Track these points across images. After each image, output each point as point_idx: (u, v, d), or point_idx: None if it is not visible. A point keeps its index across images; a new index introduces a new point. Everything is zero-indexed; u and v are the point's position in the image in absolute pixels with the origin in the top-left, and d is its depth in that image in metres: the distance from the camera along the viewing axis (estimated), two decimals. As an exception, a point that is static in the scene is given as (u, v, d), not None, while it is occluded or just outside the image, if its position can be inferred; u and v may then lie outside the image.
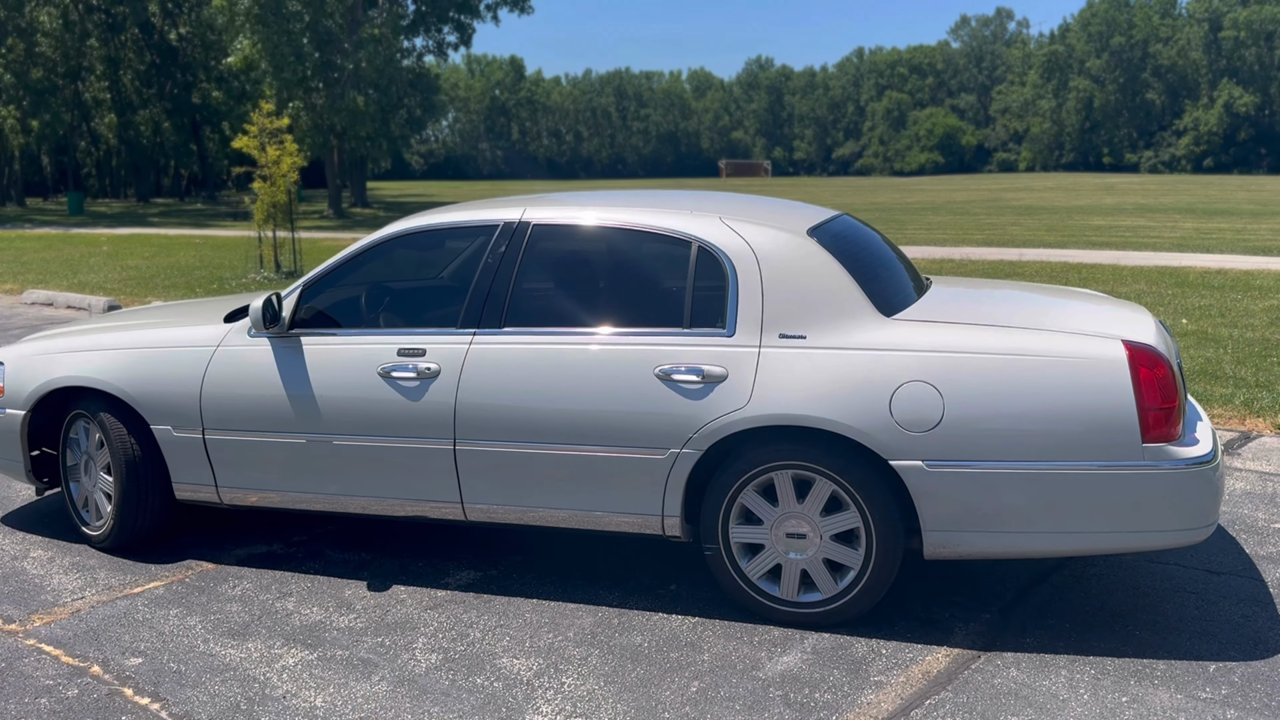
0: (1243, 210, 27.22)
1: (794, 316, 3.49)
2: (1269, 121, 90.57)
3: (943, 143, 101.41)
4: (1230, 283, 11.62)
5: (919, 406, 3.29)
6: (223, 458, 4.06)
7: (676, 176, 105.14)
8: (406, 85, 38.27)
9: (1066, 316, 3.65)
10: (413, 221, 4.09)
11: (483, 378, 3.71)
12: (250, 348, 4.04)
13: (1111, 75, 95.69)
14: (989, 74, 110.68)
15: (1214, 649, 3.31)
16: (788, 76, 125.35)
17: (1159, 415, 3.20)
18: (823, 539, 3.47)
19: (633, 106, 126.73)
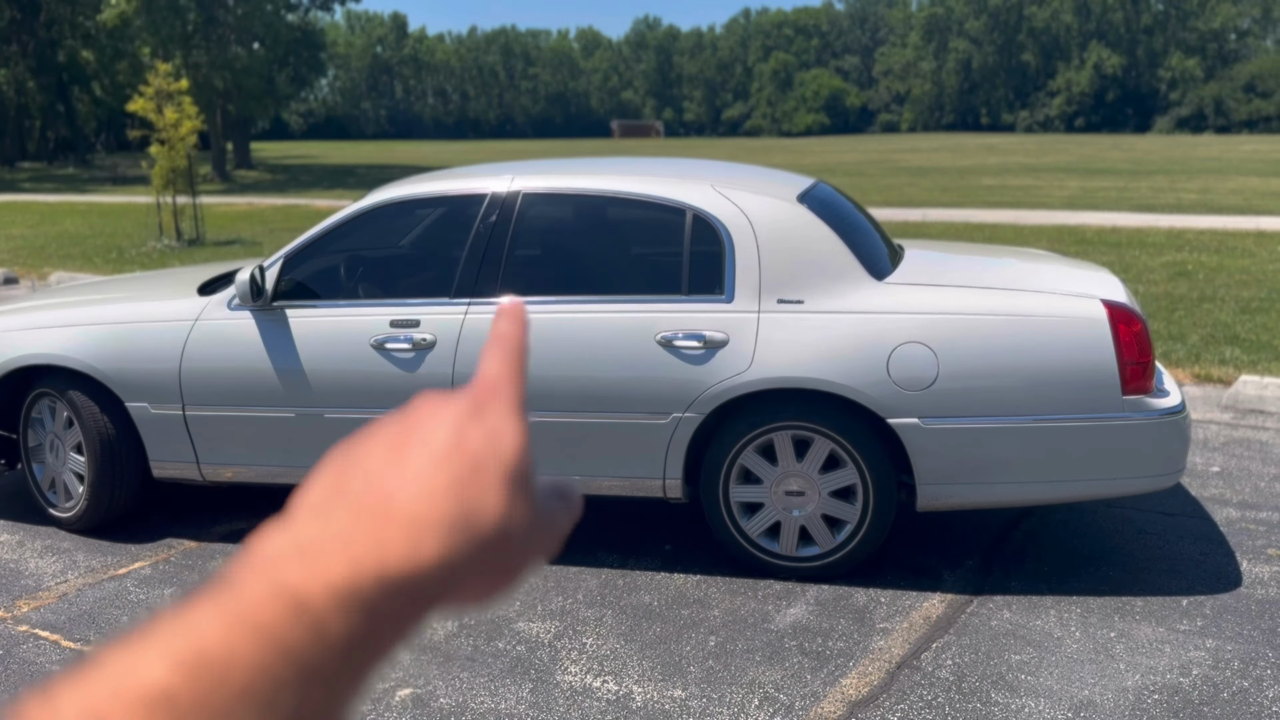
0: (1120, 169, 28.51)
1: (791, 282, 3.60)
2: (1135, 83, 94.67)
3: (828, 104, 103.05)
4: (1125, 240, 12.22)
5: (915, 366, 3.44)
6: (205, 434, 3.98)
7: (567, 137, 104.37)
8: (292, 41, 36.93)
9: (1043, 277, 3.85)
10: (398, 190, 4.04)
11: (480, 347, 3.72)
12: (232, 321, 3.95)
13: (989, 37, 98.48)
14: (872, 35, 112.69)
15: (1183, 584, 3.58)
16: (675, 37, 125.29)
17: (1136, 369, 3.42)
18: (821, 496, 3.61)
19: (520, 65, 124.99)
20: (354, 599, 0.35)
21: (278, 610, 0.34)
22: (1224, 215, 15.16)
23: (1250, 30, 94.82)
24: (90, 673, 0.33)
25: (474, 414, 0.42)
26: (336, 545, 0.37)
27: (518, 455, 0.41)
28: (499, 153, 55.15)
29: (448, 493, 0.39)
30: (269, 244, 13.66)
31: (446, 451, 0.40)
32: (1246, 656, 3.10)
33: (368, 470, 0.40)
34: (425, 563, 0.37)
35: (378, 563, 0.36)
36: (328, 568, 0.36)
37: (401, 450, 0.40)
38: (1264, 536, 3.95)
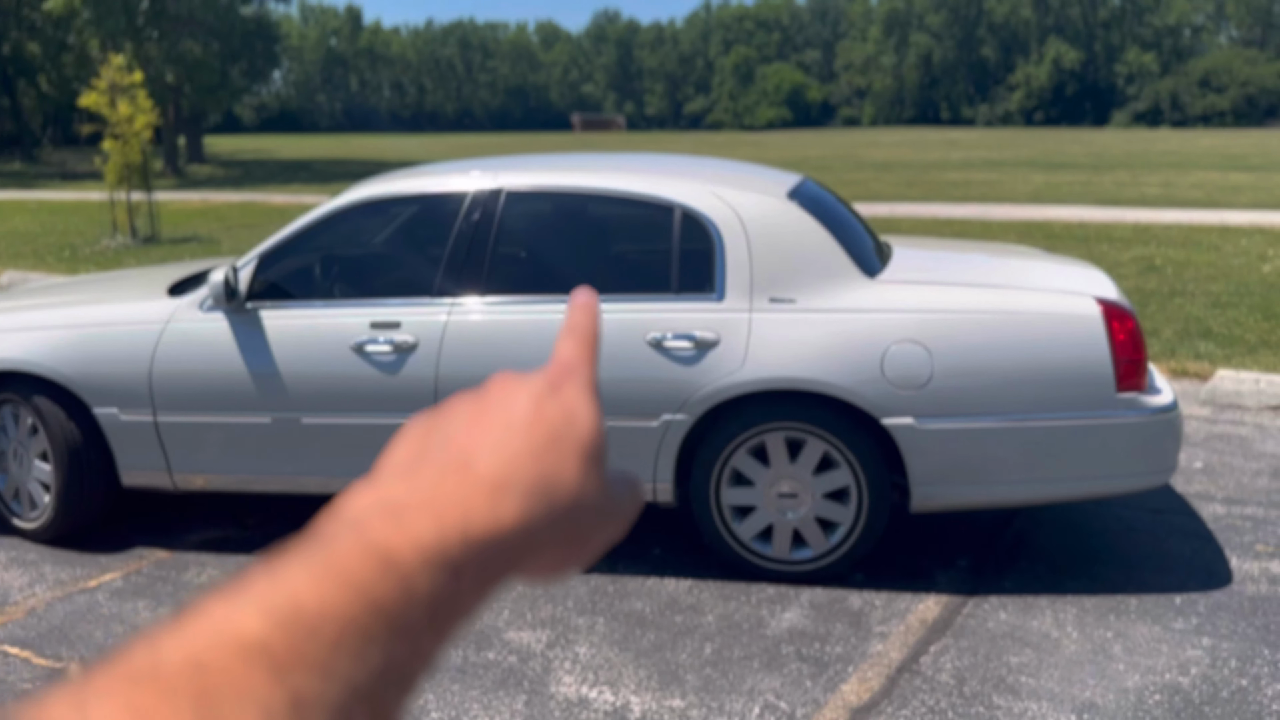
0: (1082, 163, 28.81)
1: (783, 280, 3.53)
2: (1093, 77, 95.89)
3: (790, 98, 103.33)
4: (1092, 234, 12.32)
5: (909, 365, 3.39)
6: (177, 440, 3.85)
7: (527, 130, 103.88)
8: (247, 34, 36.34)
9: (1034, 274, 3.82)
10: (376, 188, 3.93)
11: (464, 349, 3.63)
12: (205, 323, 3.82)
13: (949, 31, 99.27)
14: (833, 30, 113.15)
15: (1175, 582, 3.57)
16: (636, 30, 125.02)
17: (1130, 367, 3.40)
18: (814, 498, 3.56)
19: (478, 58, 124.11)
20: (440, 558, 0.37)
21: (369, 567, 0.35)
22: (1187, 209, 15.34)
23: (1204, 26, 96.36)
24: (188, 622, 0.33)
25: (551, 392, 0.44)
26: (423, 505, 0.38)
27: (592, 432, 0.43)
28: (459, 146, 54.71)
29: (528, 459, 0.41)
30: (227, 241, 13.41)
31: (526, 423, 0.42)
32: (1243, 655, 3.09)
33: (450, 435, 0.42)
34: (506, 524, 0.39)
35: (462, 523, 0.38)
36: (416, 527, 0.37)
37: (482, 419, 0.43)
38: (1251, 532, 3.96)
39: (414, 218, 3.97)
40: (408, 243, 4.03)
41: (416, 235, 4.01)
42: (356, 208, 3.91)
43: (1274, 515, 4.11)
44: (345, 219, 3.92)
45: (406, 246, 4.03)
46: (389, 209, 3.95)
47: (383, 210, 3.95)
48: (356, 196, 3.91)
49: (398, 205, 3.94)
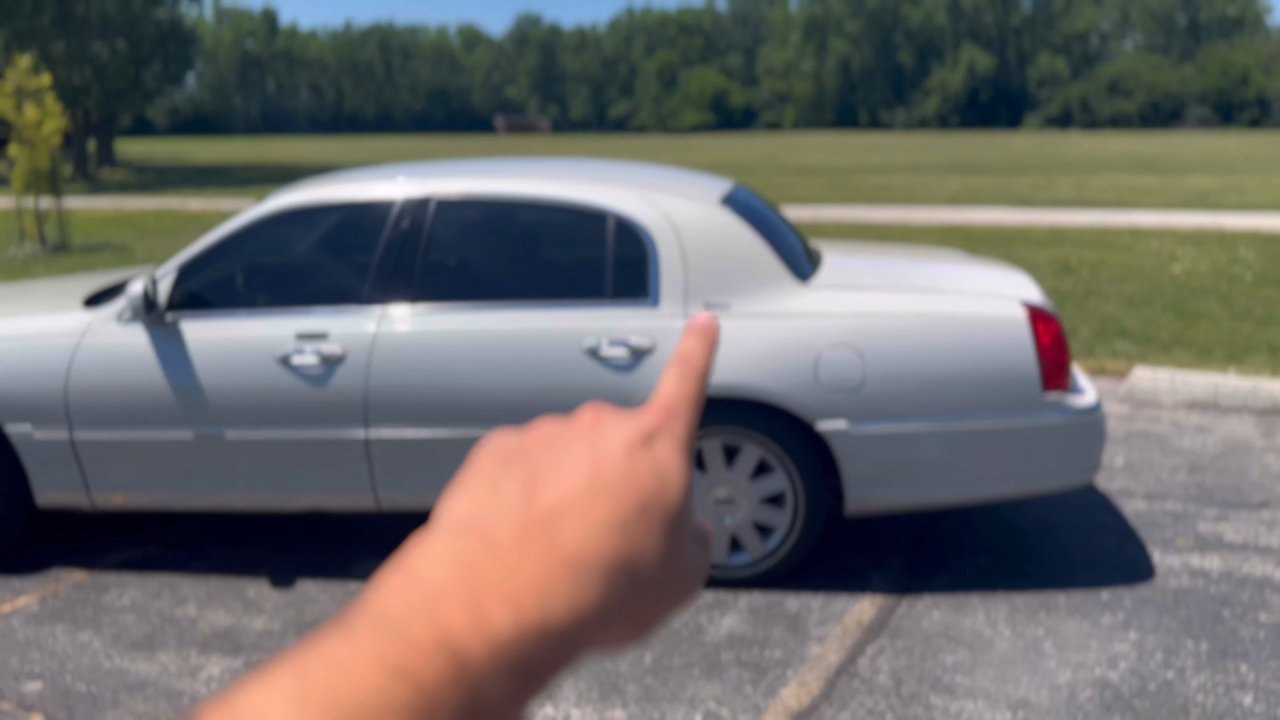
0: (997, 167, 29.53)
1: (716, 287, 3.54)
2: (1006, 82, 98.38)
3: (713, 102, 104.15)
4: (1009, 236, 12.62)
5: (842, 370, 3.42)
6: (95, 458, 3.71)
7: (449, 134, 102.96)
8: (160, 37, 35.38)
9: (961, 278, 3.88)
10: (302, 195, 3.84)
11: (395, 360, 3.56)
12: (123, 336, 3.69)
13: (867, 38, 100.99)
14: (754, 35, 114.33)
15: (1101, 578, 3.66)
16: (559, 34, 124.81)
17: (1055, 368, 3.47)
18: (752, 503, 3.57)
19: (399, 61, 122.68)
20: (514, 658, 0.33)
21: (440, 668, 0.32)
22: (1099, 210, 15.81)
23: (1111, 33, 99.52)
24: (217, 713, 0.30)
25: (644, 443, 0.40)
26: (500, 582, 0.34)
27: (682, 497, 0.40)
28: (380, 149, 54.01)
29: (615, 532, 0.37)
30: (141, 249, 13.03)
31: (616, 483, 0.38)
32: (1168, 647, 3.17)
33: (534, 475, 0.38)
34: (586, 611, 0.35)
35: (540, 613, 0.34)
36: (492, 618, 0.34)
37: (569, 462, 0.39)
38: (1172, 527, 4.07)
39: (341, 225, 3.89)
40: (335, 251, 3.94)
41: (344, 243, 3.93)
42: (281, 215, 3.81)
43: (1193, 510, 4.24)
44: (269, 227, 3.82)
45: (334, 255, 3.94)
46: (315, 216, 3.86)
47: (309, 218, 3.86)
48: (281, 204, 3.82)
49: (324, 213, 3.85)
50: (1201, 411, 5.60)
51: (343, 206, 3.83)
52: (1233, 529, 4.04)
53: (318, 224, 3.89)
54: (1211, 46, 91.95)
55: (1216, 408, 5.64)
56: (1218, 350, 6.64)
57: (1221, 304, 8.16)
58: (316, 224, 3.89)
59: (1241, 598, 3.48)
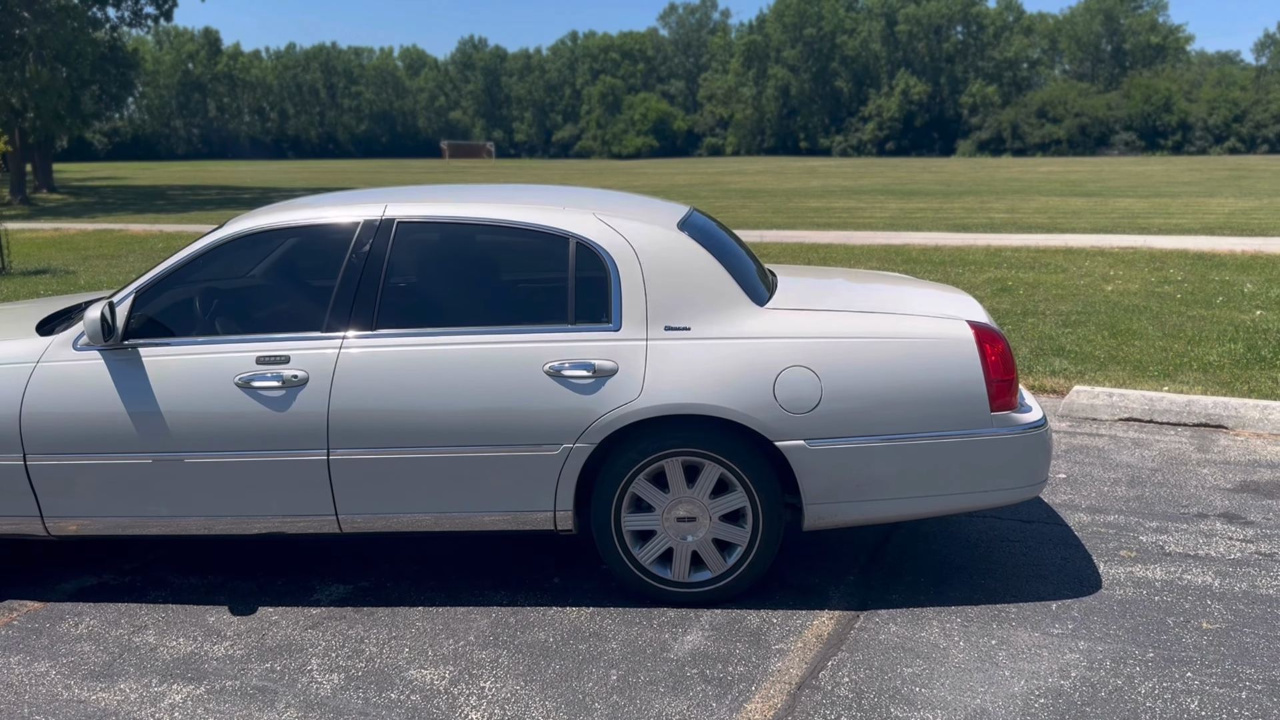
0: (933, 190, 30.15)
1: (677, 309, 3.61)
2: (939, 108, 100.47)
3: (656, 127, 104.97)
4: (947, 258, 12.91)
5: (800, 390, 3.51)
6: (50, 485, 3.66)
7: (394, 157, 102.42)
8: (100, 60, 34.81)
9: (910, 300, 4.00)
10: (261, 219, 3.84)
11: (357, 383, 3.58)
12: (79, 362, 3.66)
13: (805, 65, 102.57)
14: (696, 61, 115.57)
15: (1049, 589, 3.78)
16: (503, 58, 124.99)
17: (1002, 386, 3.60)
18: (712, 520, 3.63)
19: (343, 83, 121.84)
20: None
21: None
22: (1033, 233, 16.23)
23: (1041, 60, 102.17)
24: None
25: None
26: None
27: None
28: (325, 172, 53.57)
29: None
30: (84, 273, 12.80)
31: None
32: (1116, 655, 3.29)
33: None
34: None
35: None
36: None
37: None
38: (1115, 539, 4.22)
39: (301, 250, 3.90)
40: (295, 275, 3.95)
41: (304, 268, 3.93)
42: (240, 239, 3.81)
43: (1133, 522, 4.40)
44: (228, 251, 3.82)
45: (294, 279, 3.95)
46: (275, 241, 3.87)
47: (268, 242, 3.87)
48: (240, 228, 3.82)
49: (284, 237, 3.86)
50: (1139, 427, 5.79)
51: (303, 230, 3.85)
52: (1173, 540, 4.20)
53: (277, 248, 3.90)
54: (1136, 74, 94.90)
55: (1153, 423, 5.84)
56: (1151, 367, 6.87)
57: (1154, 322, 8.44)
58: (276, 248, 3.90)
59: (1184, 606, 3.62)
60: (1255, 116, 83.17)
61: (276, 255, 3.92)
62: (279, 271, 3.96)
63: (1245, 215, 18.86)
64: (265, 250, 3.89)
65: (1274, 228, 16.31)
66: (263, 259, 3.91)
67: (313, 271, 3.89)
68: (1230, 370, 6.76)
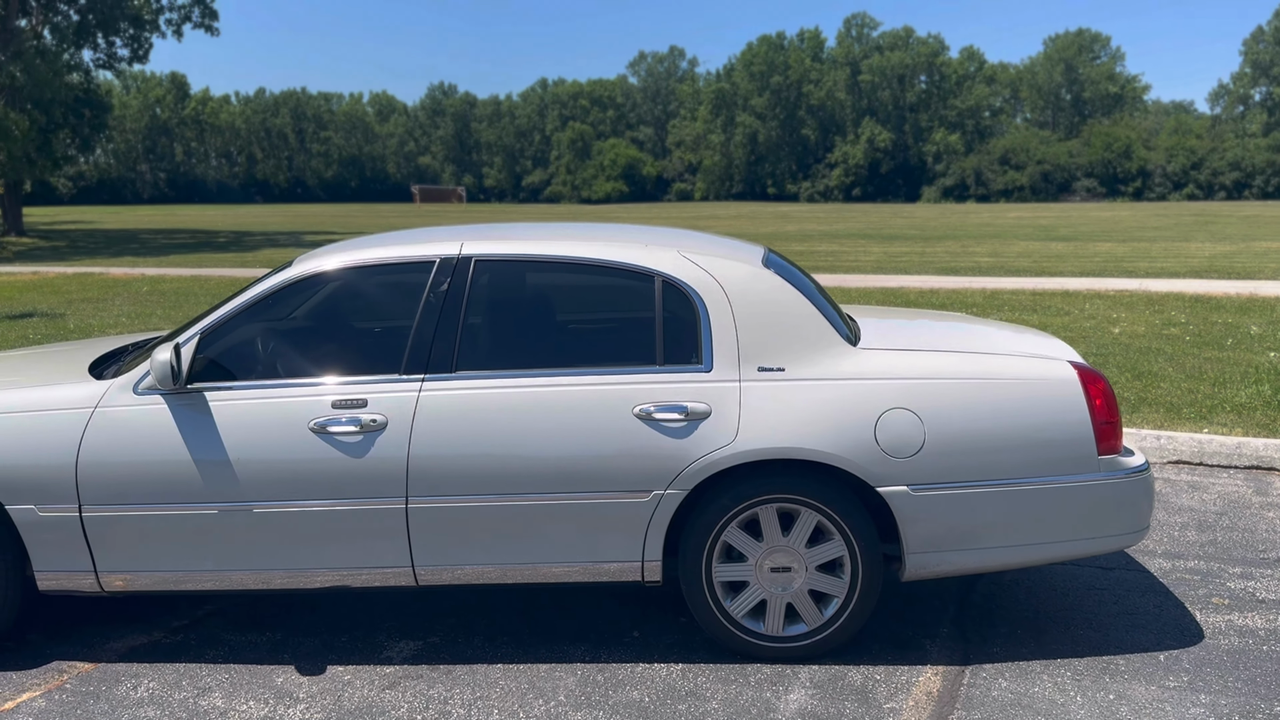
0: (910, 235, 30.41)
1: (769, 349, 3.48)
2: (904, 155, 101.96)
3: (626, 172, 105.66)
4: (947, 300, 12.91)
5: (902, 433, 3.38)
6: (107, 537, 3.45)
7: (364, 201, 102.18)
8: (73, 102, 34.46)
9: (1000, 340, 3.90)
10: (326, 259, 3.68)
11: (439, 427, 3.41)
12: (141, 407, 3.46)
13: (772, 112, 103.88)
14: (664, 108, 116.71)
15: (1151, 639, 3.64)
16: (473, 104, 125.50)
17: (1107, 429, 3.49)
18: (808, 570, 3.48)
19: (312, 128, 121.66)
20: None
21: None
22: (1020, 277, 16.32)
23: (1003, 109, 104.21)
24: None
25: None
26: None
27: None
28: (297, 216, 53.29)
29: None
30: (72, 315, 12.48)
31: None
32: (1244, 710, 3.16)
33: None
34: None
35: None
36: None
37: None
38: (1202, 586, 4.10)
39: (372, 289, 3.74)
40: (366, 316, 3.78)
41: (376, 308, 3.77)
42: (308, 280, 3.65)
43: (1215, 568, 4.29)
44: (296, 292, 3.65)
45: (365, 320, 3.78)
46: (343, 280, 3.70)
47: (336, 281, 3.70)
48: (308, 268, 3.66)
49: (356, 276, 3.69)
50: (1190, 469, 5.72)
51: (373, 269, 3.69)
52: (1262, 586, 4.09)
53: (346, 288, 3.73)
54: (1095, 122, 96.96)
55: (1203, 465, 5.76)
56: (1185, 409, 6.82)
57: (1172, 365, 8.42)
58: (345, 288, 3.73)
59: (1295, 655, 3.50)
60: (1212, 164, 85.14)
61: (345, 295, 3.75)
62: (349, 312, 3.80)
63: (1228, 259, 19.13)
64: (334, 290, 3.72)
65: (1259, 271, 16.54)
66: (331, 299, 3.74)
67: (385, 312, 3.73)
68: (1264, 412, 6.72)
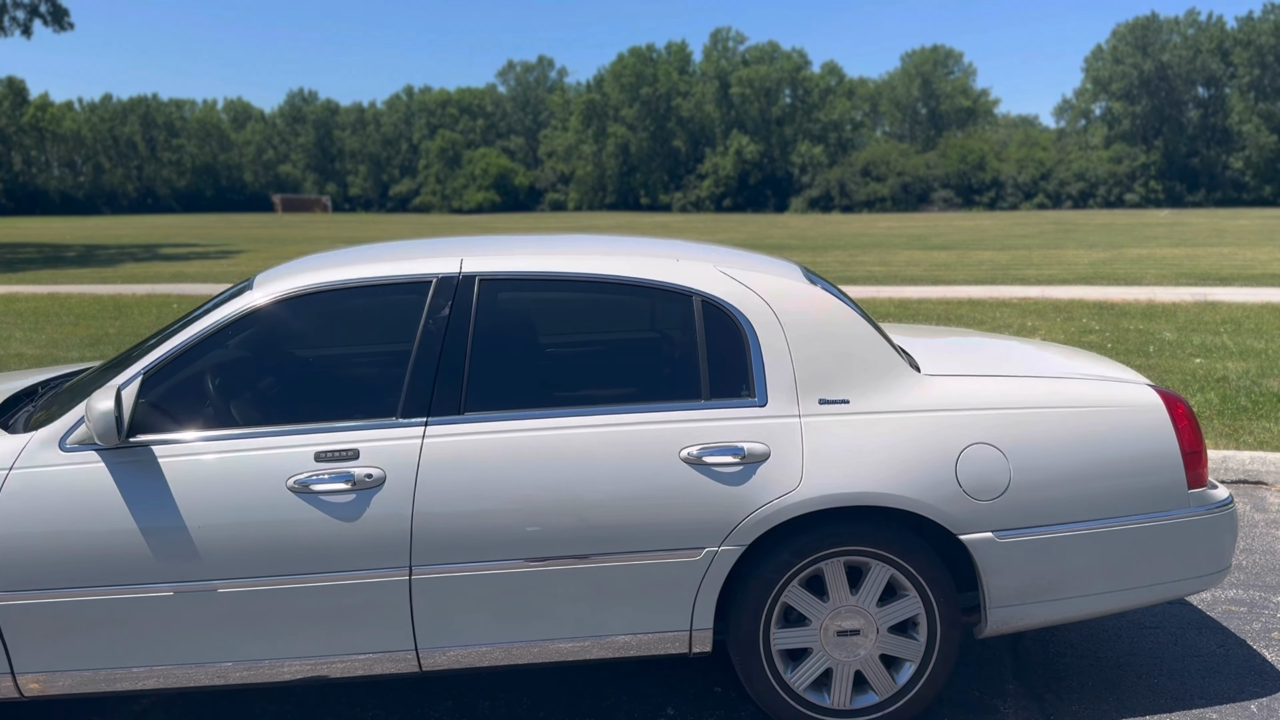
0: (793, 245, 30.63)
1: (830, 378, 3.02)
2: (772, 167, 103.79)
3: (498, 182, 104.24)
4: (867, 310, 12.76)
5: (986, 471, 2.97)
6: (28, 630, 2.73)
7: (220, 211, 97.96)
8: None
9: (1069, 363, 3.53)
10: (296, 279, 3.04)
11: (448, 481, 2.82)
12: (71, 468, 2.76)
13: (643, 124, 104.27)
14: (535, 118, 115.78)
15: (1232, 687, 3.33)
16: (335, 111, 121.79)
17: (1194, 458, 3.16)
18: (879, 632, 3.03)
19: (163, 136, 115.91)
20: None
21: None
22: (917, 285, 16.39)
23: (863, 122, 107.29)
24: None
25: None
26: None
27: None
28: (152, 228, 50.41)
29: None
30: (-87, 340, 11.11)
31: None
32: (1372, 769, 2.85)
33: None
34: None
35: None
36: None
37: None
38: (1254, 619, 3.84)
39: (358, 314, 3.12)
40: (351, 348, 3.16)
41: (364, 337, 3.16)
42: (273, 305, 3.00)
43: (1256, 597, 4.04)
44: (259, 321, 3.00)
45: (350, 353, 3.16)
46: (320, 304, 3.06)
47: (311, 306, 3.06)
48: (275, 291, 3.01)
49: (334, 299, 3.06)
50: (1178, 487, 5.52)
51: (356, 290, 3.06)
52: (1315, 617, 3.85)
53: (324, 314, 3.10)
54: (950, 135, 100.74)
55: (1190, 482, 5.58)
56: (1145, 422, 6.69)
57: (1109, 375, 8.36)
58: (323, 314, 3.09)
59: (1389, 698, 3.24)
60: (1059, 175, 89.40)
61: (321, 324, 3.12)
62: (327, 344, 3.17)
63: (1108, 265, 19.74)
64: (308, 316, 3.07)
65: (1143, 277, 17.05)
66: (304, 329, 3.10)
67: (372, 342, 3.12)
68: (1221, 420, 6.64)
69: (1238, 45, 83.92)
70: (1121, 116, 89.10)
